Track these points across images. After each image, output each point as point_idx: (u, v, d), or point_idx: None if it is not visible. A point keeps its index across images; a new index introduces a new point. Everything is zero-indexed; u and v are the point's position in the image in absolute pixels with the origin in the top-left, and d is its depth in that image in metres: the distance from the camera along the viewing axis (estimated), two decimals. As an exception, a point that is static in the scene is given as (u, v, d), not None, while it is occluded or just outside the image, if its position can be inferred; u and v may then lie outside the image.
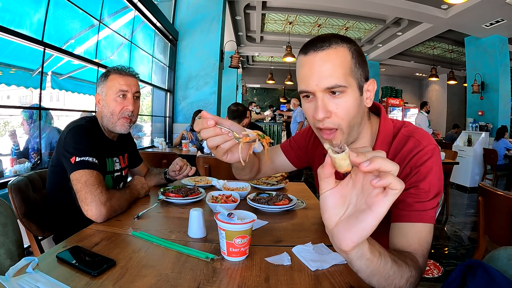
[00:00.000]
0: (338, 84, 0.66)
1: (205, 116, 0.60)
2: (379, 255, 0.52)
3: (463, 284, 0.59)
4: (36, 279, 0.60)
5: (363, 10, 5.39)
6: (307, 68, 0.68)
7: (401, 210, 0.69)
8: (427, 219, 0.67)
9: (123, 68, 1.22)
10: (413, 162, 0.71)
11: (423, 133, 0.74)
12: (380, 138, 0.77)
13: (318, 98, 0.68)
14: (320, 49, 0.67)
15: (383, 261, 0.52)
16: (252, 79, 11.95)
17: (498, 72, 5.63)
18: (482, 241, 1.57)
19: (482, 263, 0.57)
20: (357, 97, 0.69)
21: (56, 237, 1.21)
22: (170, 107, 4.63)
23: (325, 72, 0.66)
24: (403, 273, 0.56)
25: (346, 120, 0.69)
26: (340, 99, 0.67)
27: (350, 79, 0.67)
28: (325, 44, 0.67)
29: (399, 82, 11.13)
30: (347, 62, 0.67)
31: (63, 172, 1.07)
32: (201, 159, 2.34)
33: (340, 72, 0.66)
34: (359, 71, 0.69)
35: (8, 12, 1.94)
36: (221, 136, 0.61)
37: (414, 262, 0.60)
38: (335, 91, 0.67)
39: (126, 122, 1.20)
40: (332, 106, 0.67)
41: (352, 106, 0.68)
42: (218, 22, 4.59)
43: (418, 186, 0.69)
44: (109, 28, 3.03)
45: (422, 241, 0.66)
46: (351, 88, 0.68)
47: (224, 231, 0.71)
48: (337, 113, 0.68)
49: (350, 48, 0.68)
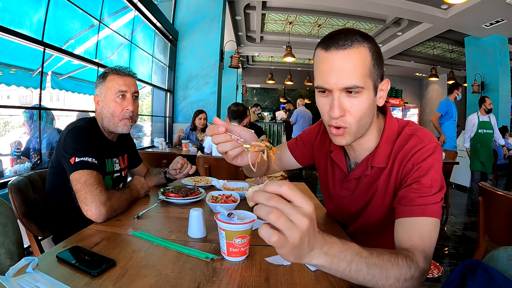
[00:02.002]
0: (356, 85, 0.67)
1: (217, 123, 0.65)
2: (346, 264, 0.51)
3: (463, 284, 0.59)
4: (36, 279, 0.60)
5: (363, 10, 5.39)
6: (327, 65, 0.68)
7: (403, 206, 0.70)
8: (430, 213, 0.67)
9: (121, 68, 1.21)
10: (414, 158, 0.73)
11: (425, 132, 0.77)
12: (385, 136, 0.79)
13: (334, 96, 0.68)
14: (342, 48, 0.67)
15: (354, 268, 0.52)
16: (252, 79, 11.94)
17: (498, 72, 5.63)
18: (482, 241, 1.57)
19: (482, 263, 0.57)
20: (371, 97, 0.71)
21: (55, 238, 1.21)
22: (170, 107, 4.63)
23: (345, 72, 0.67)
24: (388, 274, 0.55)
25: (358, 120, 0.70)
26: (356, 99, 0.69)
27: (368, 80, 0.69)
28: (347, 42, 0.67)
29: (399, 82, 11.12)
30: (367, 63, 0.68)
31: (62, 173, 1.07)
32: (201, 159, 2.34)
33: (359, 73, 0.67)
34: (376, 72, 0.70)
35: (8, 12, 1.94)
36: (231, 143, 0.65)
37: (409, 260, 0.59)
38: (351, 91, 0.68)
39: (128, 122, 1.20)
40: (347, 105, 0.69)
41: (366, 106, 0.70)
42: (218, 22, 4.59)
43: (420, 181, 0.70)
44: (109, 28, 3.03)
45: (424, 236, 0.66)
46: (367, 89, 0.69)
47: (224, 231, 0.71)
48: (351, 112, 0.69)
49: (370, 49, 0.69)
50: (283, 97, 12.47)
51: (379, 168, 0.80)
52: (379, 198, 0.81)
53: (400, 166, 0.76)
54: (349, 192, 0.89)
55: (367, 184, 0.84)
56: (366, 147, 0.82)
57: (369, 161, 0.81)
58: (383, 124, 0.81)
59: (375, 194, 0.82)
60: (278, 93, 13.41)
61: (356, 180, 0.86)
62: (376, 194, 0.82)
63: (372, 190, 0.82)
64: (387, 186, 0.79)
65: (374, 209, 0.83)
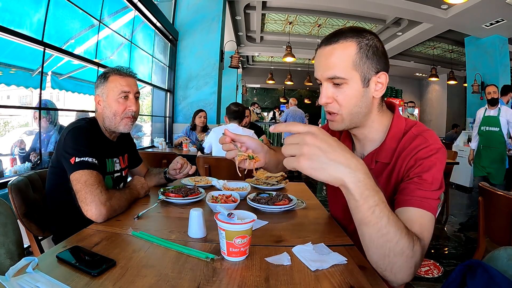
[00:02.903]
0: (337, 76, 0.74)
1: (226, 134, 0.80)
2: (373, 204, 0.57)
3: (463, 284, 0.59)
4: (36, 279, 0.60)
5: (363, 10, 5.39)
6: (317, 60, 0.79)
7: (404, 196, 0.71)
8: (428, 207, 0.69)
9: (123, 68, 1.22)
10: (418, 155, 0.75)
11: (431, 134, 0.79)
12: (391, 133, 0.82)
13: (323, 85, 0.78)
14: (328, 44, 0.76)
15: (377, 213, 0.57)
16: (252, 79, 11.94)
17: (498, 72, 5.63)
18: (482, 241, 1.57)
19: (482, 263, 0.57)
20: (358, 88, 0.76)
21: (55, 238, 1.21)
22: (170, 107, 4.63)
23: (327, 64, 0.76)
24: (399, 240, 0.58)
25: (346, 107, 0.77)
26: (341, 89, 0.76)
27: (353, 72, 0.74)
28: (335, 39, 0.75)
29: (399, 82, 11.12)
30: (351, 56, 0.74)
31: (63, 173, 1.07)
32: (201, 159, 2.34)
33: (342, 65, 0.74)
34: (366, 64, 0.75)
35: (8, 12, 1.94)
36: (234, 151, 0.81)
37: (417, 239, 0.62)
38: (336, 82, 0.75)
39: (130, 121, 1.21)
40: (334, 94, 0.77)
41: (352, 96, 0.76)
42: (218, 22, 4.59)
43: (422, 176, 0.72)
44: (109, 28, 3.03)
45: (423, 228, 0.67)
46: (352, 80, 0.75)
47: (224, 231, 0.71)
48: (338, 100, 0.77)
49: (360, 43, 0.75)
50: (283, 97, 12.47)
51: (383, 164, 0.82)
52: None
53: (403, 163, 0.77)
54: None
55: None
56: (371, 139, 0.85)
57: (374, 155, 0.84)
58: (391, 122, 0.84)
59: None
60: (278, 93, 13.42)
61: None
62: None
63: None
64: (389, 181, 0.81)
65: None
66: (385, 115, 0.85)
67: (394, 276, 0.62)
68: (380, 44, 0.78)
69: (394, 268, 0.61)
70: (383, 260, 0.61)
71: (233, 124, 2.52)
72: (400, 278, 0.62)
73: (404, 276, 0.62)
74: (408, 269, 0.61)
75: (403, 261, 0.60)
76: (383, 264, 0.61)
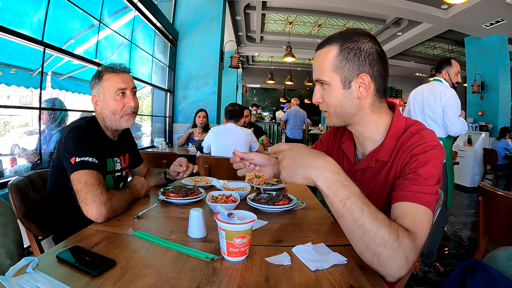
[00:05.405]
0: (320, 79, 0.82)
1: (235, 154, 0.94)
2: (344, 197, 0.62)
3: (463, 284, 0.59)
4: (36, 279, 0.60)
5: (363, 10, 5.39)
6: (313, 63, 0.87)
7: (398, 191, 0.73)
8: (422, 201, 0.69)
9: (115, 65, 1.20)
10: (413, 152, 0.76)
11: (429, 132, 0.80)
12: (391, 132, 0.83)
13: (315, 86, 0.86)
14: (318, 48, 0.83)
15: (348, 205, 0.62)
16: (252, 79, 11.95)
17: (498, 72, 5.63)
18: (482, 241, 1.57)
19: (482, 263, 0.57)
20: (339, 90, 0.81)
21: (55, 237, 1.21)
22: (170, 107, 4.63)
23: (314, 68, 0.84)
24: (377, 230, 0.60)
25: (331, 107, 0.84)
26: (325, 90, 0.83)
27: (333, 74, 0.80)
28: (322, 44, 0.82)
29: (399, 82, 11.11)
30: (330, 60, 0.79)
31: (63, 173, 1.07)
32: (201, 159, 2.34)
33: (323, 68, 0.81)
34: (346, 67, 0.79)
35: (8, 12, 1.94)
36: (244, 169, 0.95)
37: (403, 230, 0.63)
38: (321, 83, 0.83)
39: (131, 117, 1.20)
40: (322, 94, 0.84)
41: (333, 97, 0.82)
42: (218, 22, 4.59)
43: (416, 172, 0.73)
44: (109, 28, 3.03)
45: (416, 221, 0.67)
46: (333, 82, 0.80)
47: (224, 231, 0.71)
48: (324, 100, 0.84)
49: (341, 46, 0.79)
50: (283, 97, 12.47)
51: (382, 162, 0.84)
52: (379, 191, 0.84)
53: (400, 160, 0.79)
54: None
55: (370, 176, 0.87)
56: (369, 138, 0.87)
57: (375, 154, 0.85)
58: (391, 121, 0.85)
59: (376, 187, 0.85)
60: (278, 93, 13.42)
61: (361, 172, 0.90)
62: (377, 187, 0.85)
63: (374, 183, 0.86)
64: (387, 179, 0.82)
65: (374, 202, 0.85)
66: (384, 115, 0.85)
67: (385, 269, 0.62)
68: (367, 46, 0.78)
69: (381, 259, 0.61)
70: (367, 251, 0.63)
71: (231, 124, 2.58)
72: (391, 271, 0.61)
73: (394, 268, 0.61)
74: (397, 260, 0.60)
75: (388, 252, 0.60)
76: (368, 256, 0.63)
